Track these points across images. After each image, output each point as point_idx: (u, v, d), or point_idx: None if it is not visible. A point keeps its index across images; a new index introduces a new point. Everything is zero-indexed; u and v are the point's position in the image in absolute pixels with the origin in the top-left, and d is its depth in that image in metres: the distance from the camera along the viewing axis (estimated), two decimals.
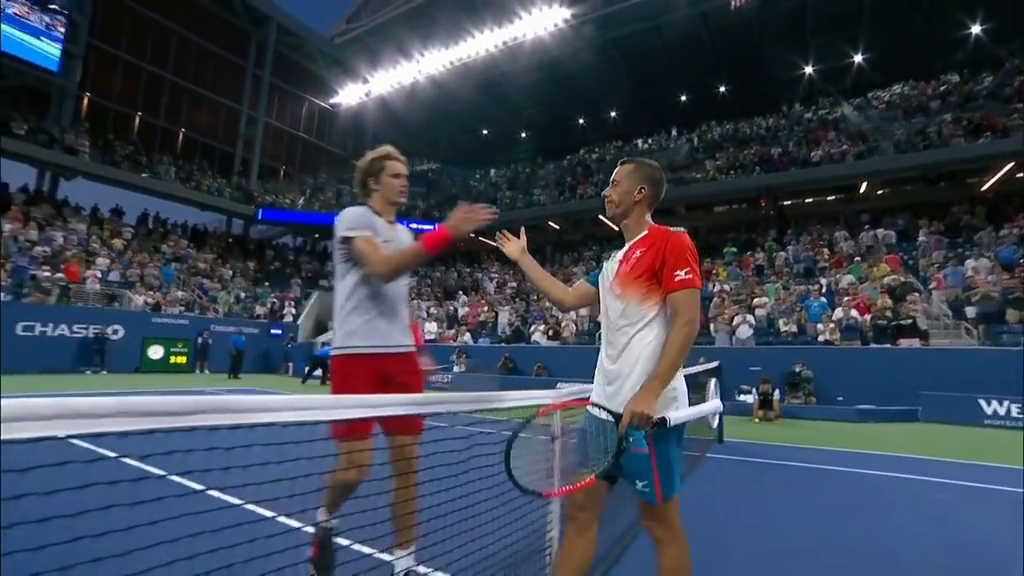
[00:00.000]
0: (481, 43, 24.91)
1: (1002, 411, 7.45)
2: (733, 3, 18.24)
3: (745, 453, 5.71)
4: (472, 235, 16.56)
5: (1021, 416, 7.23)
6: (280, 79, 29.12)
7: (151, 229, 20.37)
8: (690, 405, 1.73)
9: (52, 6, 17.63)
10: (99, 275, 14.32)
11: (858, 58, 23.83)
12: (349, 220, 2.01)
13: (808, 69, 24.71)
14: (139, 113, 24.43)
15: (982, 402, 7.64)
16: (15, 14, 16.48)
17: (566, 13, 22.54)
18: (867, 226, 14.21)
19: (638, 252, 1.67)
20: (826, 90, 23.28)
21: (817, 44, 22.97)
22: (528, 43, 23.89)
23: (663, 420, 1.46)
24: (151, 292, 15.07)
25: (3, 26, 16.29)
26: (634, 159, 1.82)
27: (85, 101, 22.01)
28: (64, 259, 14.16)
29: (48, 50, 17.94)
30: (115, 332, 12.88)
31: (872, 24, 21.32)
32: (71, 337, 12.09)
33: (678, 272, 1.57)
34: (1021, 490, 4.04)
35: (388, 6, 27.73)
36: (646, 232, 1.72)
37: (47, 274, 12.98)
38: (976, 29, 21.13)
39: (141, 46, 23.93)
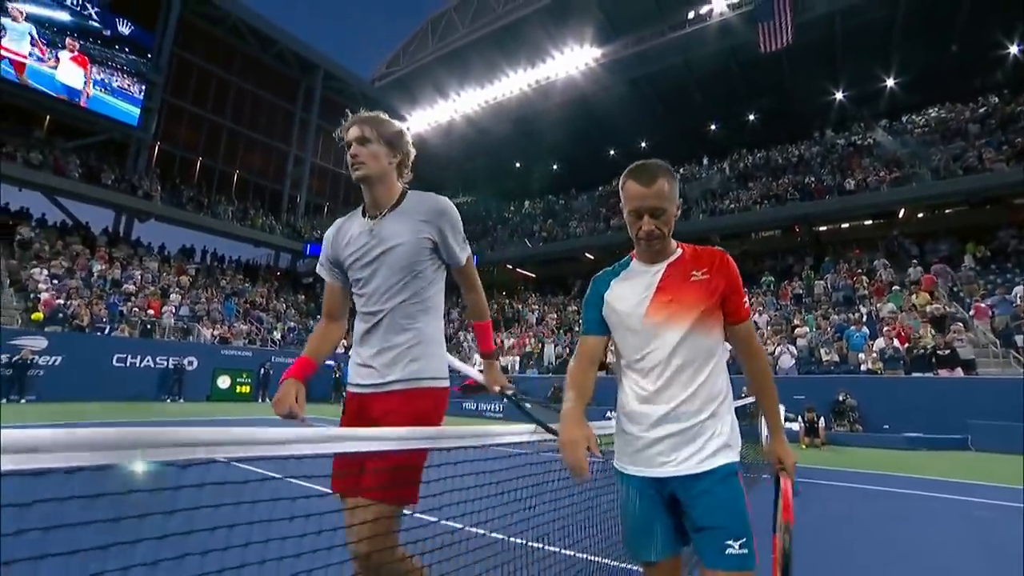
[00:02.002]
0: (515, 82, 26.20)
1: None
2: (763, 48, 18.71)
3: (800, 475, 6.06)
4: (510, 267, 17.16)
5: None
6: (325, 121, 31.14)
7: (210, 265, 21.97)
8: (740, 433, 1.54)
9: (147, 76, 19.92)
10: (173, 310, 15.64)
11: (890, 82, 23.82)
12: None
13: (839, 95, 24.85)
14: (200, 158, 26.60)
15: None
16: (119, 87, 18.66)
17: (596, 53, 23.58)
18: (915, 260, 14.11)
19: (697, 273, 1.41)
20: (859, 115, 23.30)
21: (848, 70, 23.14)
22: (560, 82, 25.01)
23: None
24: (216, 325, 16.29)
25: (100, 93, 18.43)
26: (662, 165, 1.43)
27: (156, 149, 24.21)
28: (145, 295, 15.57)
29: (130, 108, 20.01)
30: (190, 363, 14.05)
31: (903, 47, 21.33)
32: (154, 368, 13.30)
33: (744, 301, 1.43)
34: None
35: (425, 50, 29.53)
36: (681, 251, 1.48)
37: (137, 309, 14.38)
38: (1015, 49, 20.95)
39: (204, 97, 26.24)
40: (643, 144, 30.44)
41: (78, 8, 17.97)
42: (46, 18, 17.03)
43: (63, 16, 17.49)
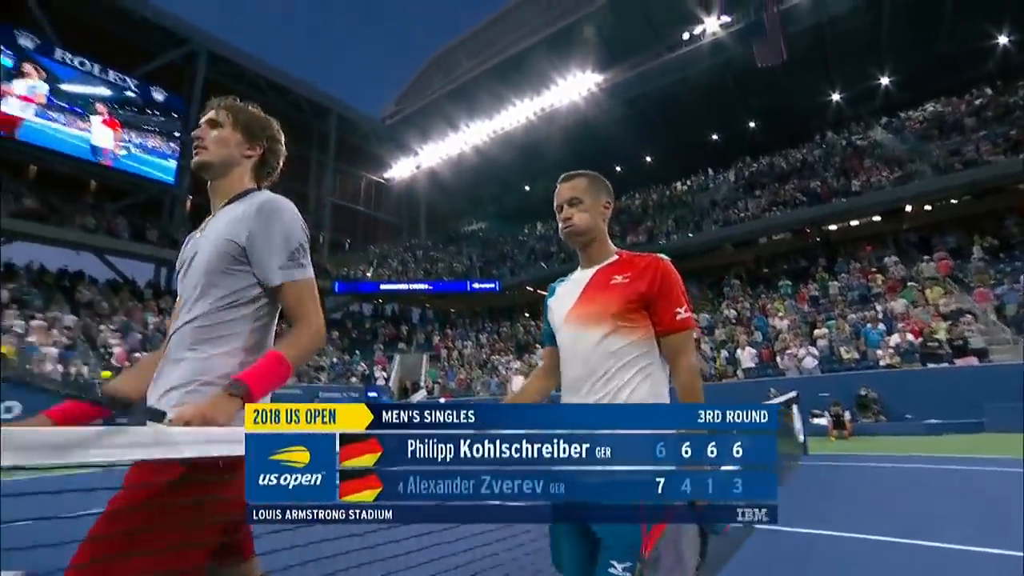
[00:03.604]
0: (520, 112, 27.45)
1: None
2: (760, 63, 19.68)
3: (831, 460, 6.96)
4: (530, 288, 17.79)
5: None
6: (340, 161, 32.59)
7: None
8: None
9: (175, 134, 21.41)
10: None
11: (885, 80, 24.54)
12: None
13: (835, 96, 25.59)
14: None
15: None
16: (153, 146, 20.19)
17: (597, 78, 24.72)
18: (925, 258, 14.62)
19: (619, 277, 1.42)
20: (857, 115, 23.96)
21: (841, 71, 23.89)
22: (563, 108, 26.18)
23: None
24: None
25: (143, 155, 20.00)
26: (588, 172, 1.53)
27: (189, 203, 25.69)
28: None
29: (167, 167, 21.50)
30: None
31: (893, 46, 21.98)
32: None
33: (678, 310, 1.37)
34: None
35: (432, 87, 31.01)
36: (617, 256, 1.49)
37: None
38: (1004, 39, 21.49)
39: None
40: (647, 159, 31.40)
41: (119, 83, 19.60)
42: (90, 95, 18.65)
43: (104, 91, 19.12)
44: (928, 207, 18.55)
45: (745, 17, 20.13)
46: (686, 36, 22.27)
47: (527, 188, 34.00)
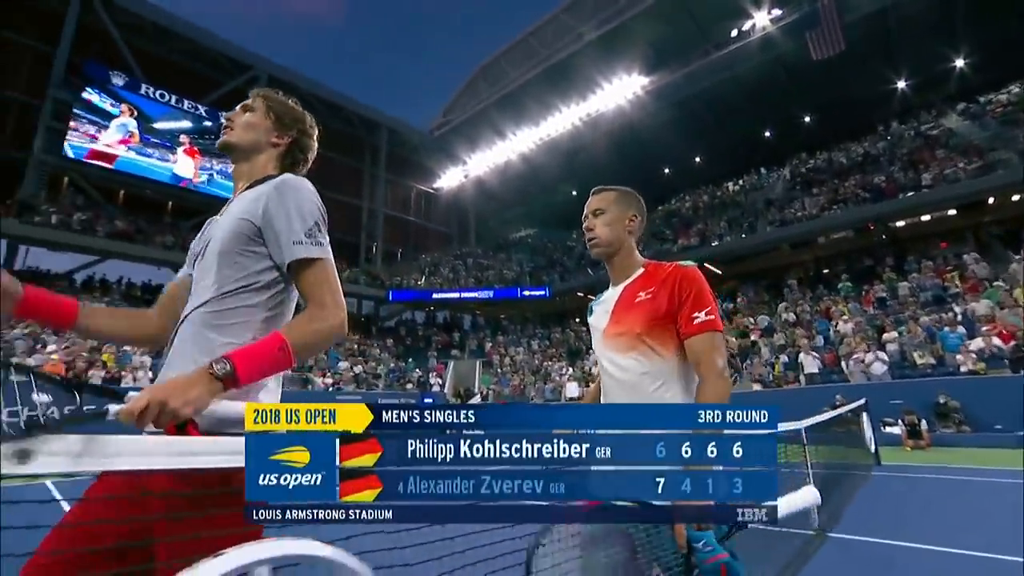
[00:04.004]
0: (566, 118, 27.43)
1: None
2: (815, 55, 18.79)
3: (907, 471, 6.63)
4: (580, 294, 17.61)
5: None
6: (391, 173, 33.74)
7: None
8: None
9: None
10: None
11: (960, 62, 22.72)
12: None
13: (901, 84, 23.94)
14: None
15: None
16: (225, 169, 21.87)
17: (644, 80, 24.33)
18: (1017, 257, 13.23)
19: (643, 294, 1.43)
20: (927, 102, 22.29)
21: (907, 57, 22.32)
22: (609, 112, 25.93)
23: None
24: (327, 373, 18.15)
25: (223, 180, 21.82)
26: (618, 187, 1.58)
27: None
28: None
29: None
30: None
31: (970, 24, 20.34)
32: None
33: (696, 314, 1.34)
34: None
35: (478, 97, 31.54)
36: (642, 270, 1.51)
37: None
38: None
39: None
40: (697, 159, 30.52)
41: (192, 111, 21.39)
42: (173, 128, 20.58)
43: (185, 122, 20.98)
44: (1016, 197, 16.95)
45: (797, 8, 19.24)
46: (734, 33, 21.56)
47: (574, 193, 33.81)
